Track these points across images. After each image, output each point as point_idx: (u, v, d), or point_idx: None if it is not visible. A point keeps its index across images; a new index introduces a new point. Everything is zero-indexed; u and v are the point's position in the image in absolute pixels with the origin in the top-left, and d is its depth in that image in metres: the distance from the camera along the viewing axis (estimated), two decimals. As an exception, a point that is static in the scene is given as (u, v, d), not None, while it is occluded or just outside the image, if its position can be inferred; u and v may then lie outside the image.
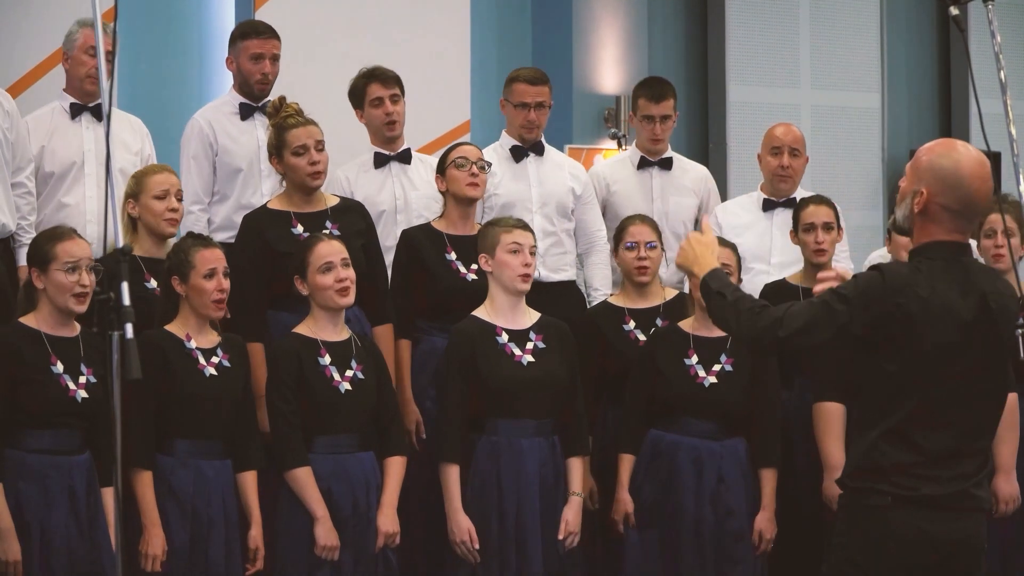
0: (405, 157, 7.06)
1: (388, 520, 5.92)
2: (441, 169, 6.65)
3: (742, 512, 6.25)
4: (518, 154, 7.24)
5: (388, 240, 6.77)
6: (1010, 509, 6.37)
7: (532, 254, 6.17)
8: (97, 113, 6.86)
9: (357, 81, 7.07)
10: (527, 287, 6.18)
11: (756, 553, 6.27)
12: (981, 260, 5.72)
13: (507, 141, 7.29)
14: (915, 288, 4.41)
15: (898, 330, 4.41)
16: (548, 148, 7.35)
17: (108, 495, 5.56)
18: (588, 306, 7.13)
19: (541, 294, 6.96)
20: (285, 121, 6.38)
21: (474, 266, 6.44)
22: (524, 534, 6.03)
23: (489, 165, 6.72)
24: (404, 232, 6.70)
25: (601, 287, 7.20)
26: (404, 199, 7.01)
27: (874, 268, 4.51)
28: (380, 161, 7.03)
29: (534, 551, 6.03)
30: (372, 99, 7.01)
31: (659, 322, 6.58)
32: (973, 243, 7.20)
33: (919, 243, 4.51)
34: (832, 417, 6.33)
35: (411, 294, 6.56)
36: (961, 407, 4.47)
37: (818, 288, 4.58)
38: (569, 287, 7.24)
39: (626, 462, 6.32)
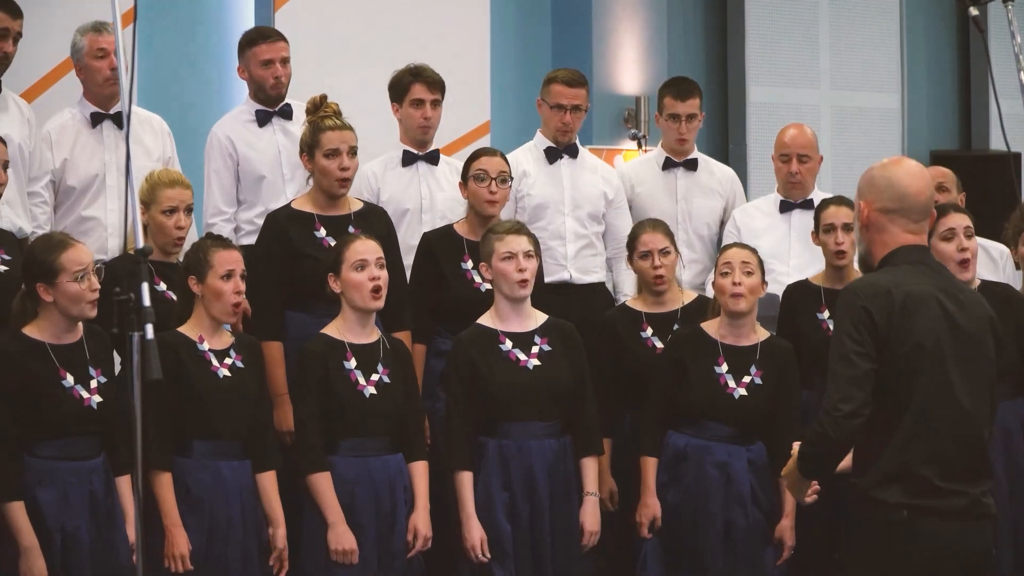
0: (433, 158, 7.05)
1: (424, 523, 5.93)
2: (464, 177, 6.67)
3: (773, 517, 6.25)
4: (552, 155, 7.23)
5: (412, 239, 6.77)
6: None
7: (529, 257, 6.08)
8: (118, 120, 6.77)
9: (402, 76, 7.02)
10: (526, 292, 6.11)
11: (778, 563, 6.25)
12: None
13: (541, 142, 7.28)
14: (890, 288, 4.50)
15: (886, 332, 4.47)
16: (582, 151, 7.33)
17: (123, 484, 5.55)
18: (616, 310, 7.11)
19: (571, 296, 6.98)
20: (322, 121, 6.35)
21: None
22: (536, 536, 6.02)
23: (511, 179, 6.70)
24: (425, 236, 6.70)
25: (630, 293, 7.11)
26: (430, 199, 7.01)
27: (846, 290, 4.61)
28: (408, 159, 7.03)
29: (545, 552, 6.02)
30: (413, 99, 6.98)
31: (676, 327, 6.56)
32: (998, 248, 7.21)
33: (880, 257, 4.62)
34: None
35: (427, 298, 6.56)
36: (954, 407, 4.49)
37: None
38: (598, 289, 7.23)
39: (650, 465, 6.28)
